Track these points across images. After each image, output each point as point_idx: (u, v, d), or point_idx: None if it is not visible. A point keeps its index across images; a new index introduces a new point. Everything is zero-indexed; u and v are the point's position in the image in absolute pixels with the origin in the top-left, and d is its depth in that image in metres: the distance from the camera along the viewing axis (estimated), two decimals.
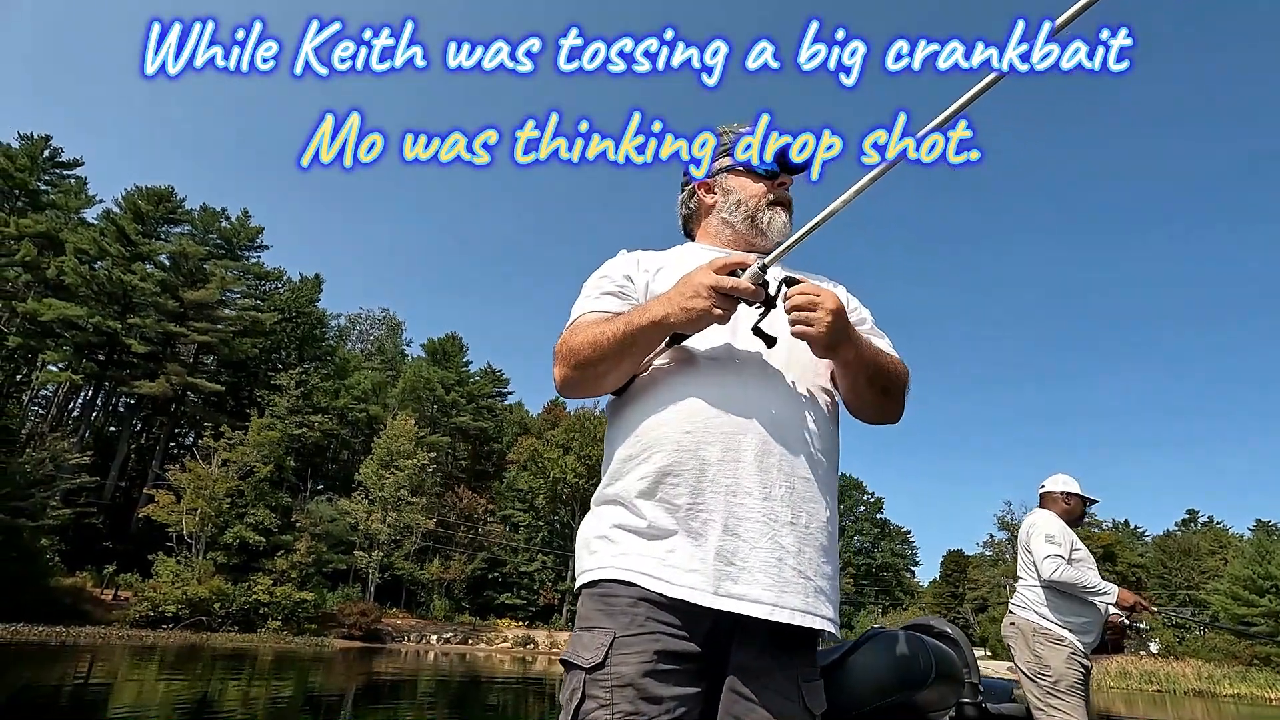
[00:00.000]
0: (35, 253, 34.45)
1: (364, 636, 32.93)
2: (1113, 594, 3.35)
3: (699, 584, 1.09)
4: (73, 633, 23.08)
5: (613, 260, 1.42)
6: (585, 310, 1.30)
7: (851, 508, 68.61)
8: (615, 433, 1.28)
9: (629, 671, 1.05)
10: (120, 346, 38.06)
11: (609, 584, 1.13)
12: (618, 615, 1.10)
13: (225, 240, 44.92)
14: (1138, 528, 71.38)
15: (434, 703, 11.62)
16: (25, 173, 37.13)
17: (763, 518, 1.13)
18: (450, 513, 46.45)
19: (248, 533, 31.93)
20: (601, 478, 1.29)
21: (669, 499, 1.14)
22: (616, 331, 1.16)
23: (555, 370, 1.25)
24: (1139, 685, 32.05)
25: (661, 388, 1.22)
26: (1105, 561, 62.62)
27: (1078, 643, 3.38)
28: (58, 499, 27.90)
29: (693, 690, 1.08)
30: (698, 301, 1.09)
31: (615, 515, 1.18)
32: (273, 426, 36.02)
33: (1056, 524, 3.57)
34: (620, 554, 1.14)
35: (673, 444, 1.16)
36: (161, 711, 8.63)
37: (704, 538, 1.11)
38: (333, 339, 53.69)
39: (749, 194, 1.42)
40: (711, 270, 1.10)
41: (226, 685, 12.26)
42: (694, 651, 1.09)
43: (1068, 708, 3.23)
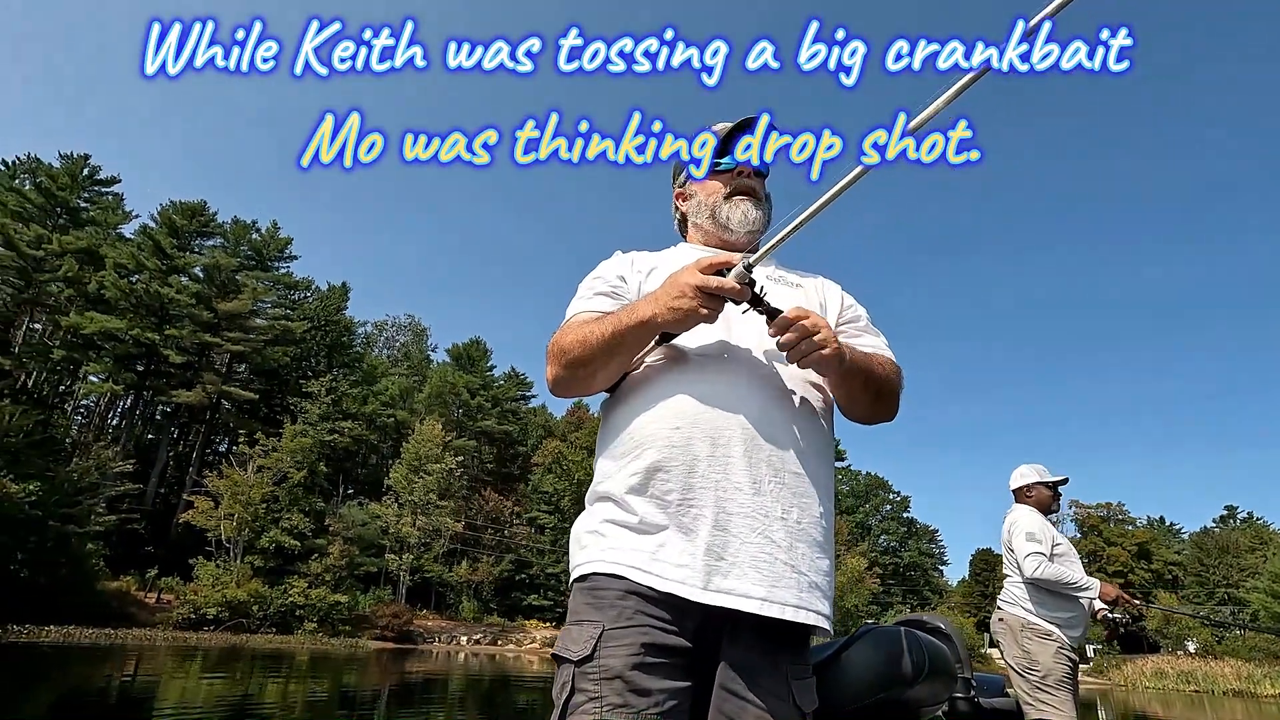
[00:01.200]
0: (78, 268, 35.70)
1: (396, 638, 33.61)
2: (1094, 589, 3.39)
3: (689, 578, 1.09)
4: (120, 635, 23.93)
5: (607, 261, 1.43)
6: (578, 310, 1.31)
7: (878, 506, 68.04)
8: (607, 431, 1.29)
9: (617, 664, 1.05)
10: (158, 357, 39.26)
11: (598, 577, 1.13)
12: (606, 608, 1.10)
13: (256, 252, 46.10)
14: (1174, 524, 69.95)
15: (464, 702, 11.95)
16: (66, 191, 38.52)
17: (753, 512, 1.14)
18: (477, 515, 47.08)
19: (283, 537, 32.80)
20: (594, 473, 1.30)
21: (659, 495, 1.14)
22: (605, 331, 1.18)
23: (547, 369, 1.27)
24: (1176, 685, 31.52)
25: (651, 385, 1.23)
26: (1140, 559, 61.33)
27: (1065, 637, 3.42)
28: (103, 506, 28.90)
29: (682, 684, 1.08)
30: (684, 301, 1.10)
31: (606, 511, 1.19)
32: (305, 433, 36.90)
33: (1036, 521, 3.61)
34: (610, 548, 1.14)
35: (662, 440, 1.17)
36: (206, 706, 9.09)
37: (694, 533, 1.12)
38: (359, 346, 54.74)
39: (706, 193, 1.46)
40: (697, 270, 1.11)
41: (266, 684, 12.72)
42: (683, 646, 1.09)
43: (1056, 702, 3.28)
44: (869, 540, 60.48)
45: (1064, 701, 3.27)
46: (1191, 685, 31.20)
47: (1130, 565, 60.66)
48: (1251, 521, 61.62)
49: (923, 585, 68.45)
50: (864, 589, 43.53)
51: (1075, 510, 68.56)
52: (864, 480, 68.86)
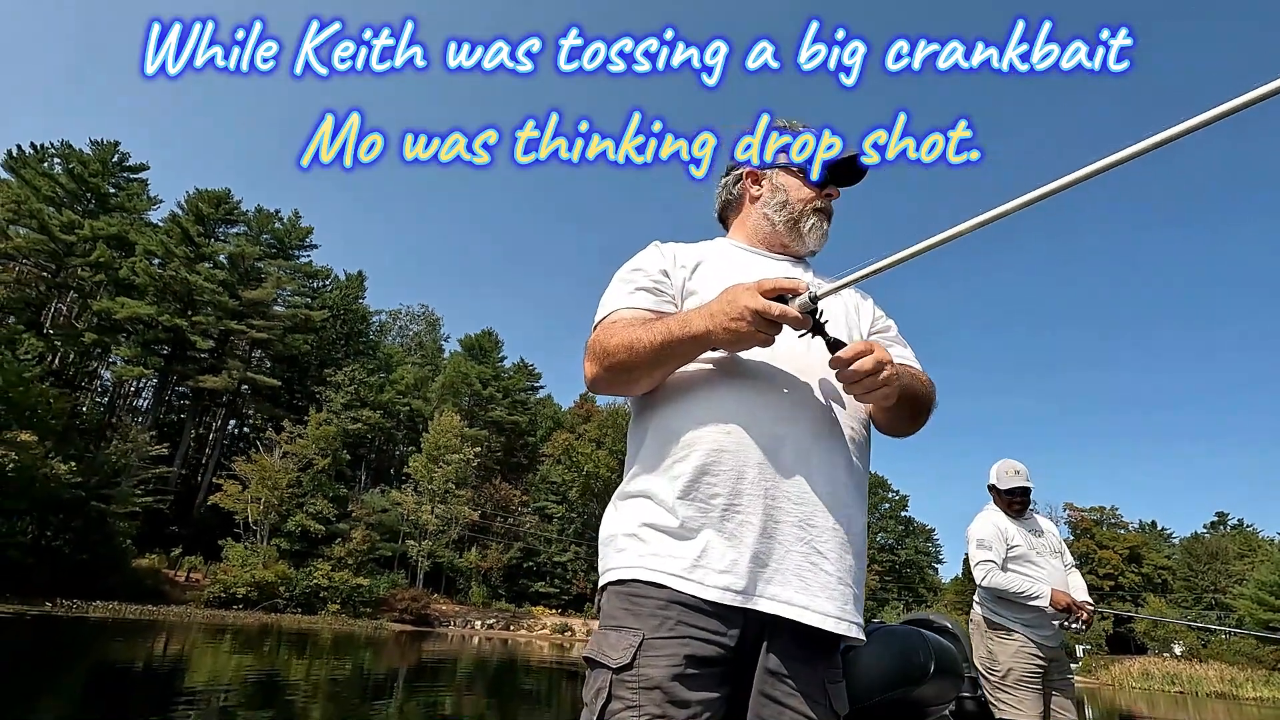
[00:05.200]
0: (109, 254, 36.56)
1: (414, 621, 34.93)
2: (1044, 597, 3.36)
3: (733, 585, 1.09)
4: (162, 611, 25.15)
5: (645, 253, 1.37)
6: (619, 305, 1.27)
7: (876, 505, 69.32)
8: (645, 427, 1.26)
9: (657, 674, 1.04)
10: (185, 342, 40.20)
11: (638, 584, 1.12)
12: (646, 617, 1.09)
13: (278, 240, 46.92)
14: (1165, 529, 71.13)
15: (483, 684, 13.01)
16: (98, 177, 39.29)
17: (799, 522, 1.14)
18: (486, 504, 48.24)
19: (308, 521, 33.94)
20: (625, 471, 1.28)
21: (705, 499, 1.13)
22: (655, 340, 1.14)
23: (587, 366, 1.23)
24: (1161, 686, 32.62)
25: (700, 386, 1.20)
26: (1131, 563, 62.58)
27: (1031, 637, 3.40)
28: (141, 489, 30.00)
29: (720, 694, 1.08)
30: (742, 325, 1.06)
31: (645, 513, 1.17)
32: (329, 421, 37.94)
33: (989, 527, 3.58)
34: (650, 554, 1.13)
35: (711, 443, 1.15)
36: (245, 677, 10.37)
37: (739, 539, 1.11)
38: (374, 334, 55.69)
39: (797, 196, 1.39)
40: (759, 292, 1.07)
41: (293, 662, 13.92)
42: (723, 655, 1.09)
43: (1014, 700, 3.30)
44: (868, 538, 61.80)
45: (1024, 700, 3.29)
46: (1176, 686, 32.32)
47: (1121, 568, 61.85)
48: (1241, 528, 62.88)
49: (918, 582, 69.92)
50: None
51: (1069, 513, 69.97)
52: None
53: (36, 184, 36.57)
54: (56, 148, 38.92)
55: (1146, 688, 32.68)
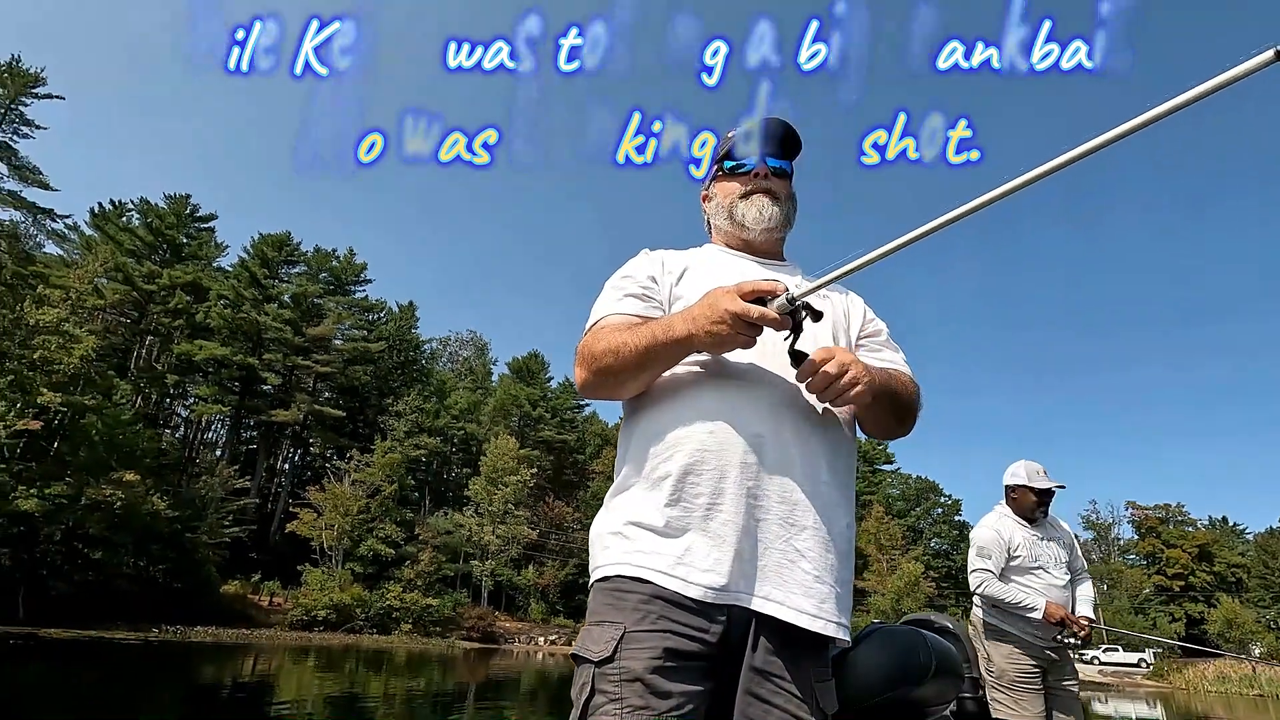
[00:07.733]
0: (187, 301, 39.29)
1: (481, 638, 36.33)
2: (1039, 610, 3.34)
3: (714, 583, 1.10)
4: (254, 635, 26.98)
5: (635, 260, 1.41)
6: (607, 312, 1.31)
7: (928, 510, 68.36)
8: (633, 429, 1.29)
9: (638, 666, 1.06)
10: (255, 379, 42.71)
11: (622, 580, 1.14)
12: (629, 611, 1.11)
13: (335, 278, 49.44)
14: (1238, 525, 68.45)
15: (535, 697, 13.95)
16: (173, 229, 42.24)
17: (781, 521, 1.16)
18: (541, 522, 49.57)
19: (379, 545, 35.68)
20: (615, 473, 1.30)
21: (689, 498, 1.15)
22: (639, 344, 1.17)
23: (577, 371, 1.27)
24: (1239, 689, 31.74)
25: (684, 388, 1.23)
26: (1201, 561, 60.38)
27: (1028, 639, 3.41)
28: (229, 520, 32.11)
29: (703, 688, 1.09)
30: (723, 328, 1.08)
31: (631, 512, 1.19)
32: (393, 449, 39.83)
33: (990, 534, 3.53)
34: (635, 550, 1.15)
35: (695, 444, 1.17)
36: (333, 688, 11.59)
37: (722, 538, 1.13)
38: (425, 361, 57.90)
39: (725, 194, 1.44)
40: (738, 295, 1.08)
41: (370, 680, 15.18)
42: (705, 650, 1.10)
43: (1010, 701, 3.34)
44: (921, 544, 60.94)
45: (1019, 701, 3.34)
46: (1255, 689, 31.46)
47: (1191, 568, 59.72)
48: None
49: None
50: (920, 593, 44.51)
51: (1132, 511, 67.84)
52: (914, 484, 69.13)
53: (119, 239, 39.57)
54: (135, 204, 42.02)
55: (1223, 691, 31.83)
